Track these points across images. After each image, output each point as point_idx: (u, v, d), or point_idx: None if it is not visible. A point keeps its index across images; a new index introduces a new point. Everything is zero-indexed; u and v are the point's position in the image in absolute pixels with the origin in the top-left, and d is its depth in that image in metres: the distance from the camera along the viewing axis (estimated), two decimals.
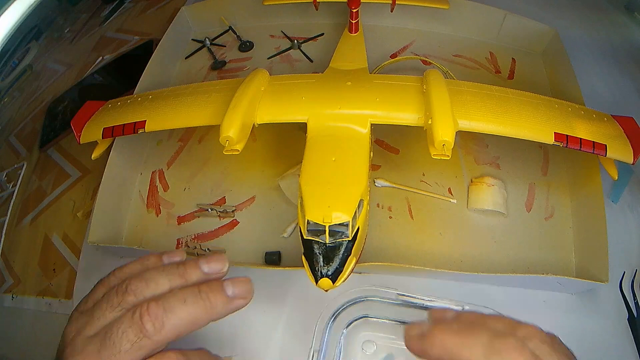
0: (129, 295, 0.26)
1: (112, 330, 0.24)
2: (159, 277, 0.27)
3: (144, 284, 0.26)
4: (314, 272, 0.29)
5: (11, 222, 0.50)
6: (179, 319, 0.25)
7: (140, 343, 0.24)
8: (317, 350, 0.35)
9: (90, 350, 0.24)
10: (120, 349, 0.24)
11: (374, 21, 0.57)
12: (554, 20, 0.53)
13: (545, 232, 0.41)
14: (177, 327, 0.25)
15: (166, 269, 0.27)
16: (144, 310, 0.24)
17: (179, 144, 0.50)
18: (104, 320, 0.25)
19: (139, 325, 0.24)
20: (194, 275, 0.27)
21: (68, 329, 0.27)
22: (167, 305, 0.25)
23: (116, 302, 0.25)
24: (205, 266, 0.28)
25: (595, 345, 0.36)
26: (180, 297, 0.25)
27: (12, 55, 0.55)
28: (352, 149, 0.34)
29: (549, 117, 0.36)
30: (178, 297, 0.25)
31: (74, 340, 0.25)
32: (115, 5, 0.68)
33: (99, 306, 0.26)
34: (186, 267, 0.28)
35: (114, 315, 0.25)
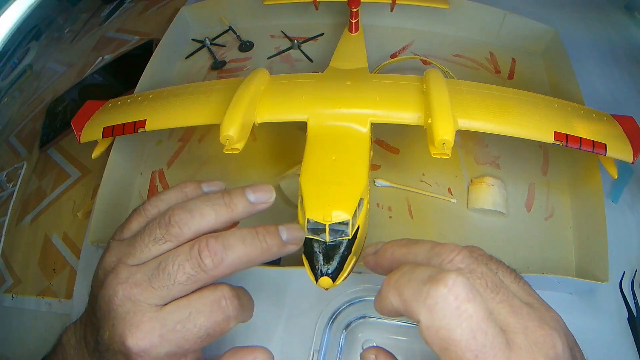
0: (173, 226, 0.25)
1: (166, 262, 0.24)
2: (204, 207, 0.26)
3: (188, 215, 0.26)
4: (314, 271, 0.29)
5: (11, 222, 0.50)
6: (237, 257, 0.25)
7: (197, 277, 0.24)
8: (317, 350, 0.36)
9: (140, 278, 0.24)
10: (175, 281, 0.24)
11: (374, 21, 0.57)
12: (554, 20, 0.53)
13: (545, 232, 0.41)
14: (234, 264, 0.25)
15: (210, 197, 0.27)
16: (202, 245, 0.24)
17: (179, 144, 0.50)
18: (148, 252, 0.25)
19: (197, 259, 0.24)
20: (240, 204, 0.27)
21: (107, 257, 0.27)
22: (226, 242, 0.25)
23: (159, 235, 0.25)
24: (251, 195, 0.28)
25: (595, 345, 0.36)
26: (239, 236, 0.25)
27: (12, 55, 0.55)
28: (352, 148, 0.34)
29: (549, 116, 0.36)
30: (237, 236, 0.25)
31: (117, 268, 0.25)
32: (115, 5, 0.68)
33: (141, 238, 0.26)
34: (231, 196, 0.27)
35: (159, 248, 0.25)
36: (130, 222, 0.28)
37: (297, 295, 0.39)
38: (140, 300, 0.24)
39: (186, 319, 0.24)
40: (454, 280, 0.19)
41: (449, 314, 0.18)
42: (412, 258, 0.23)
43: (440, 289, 0.19)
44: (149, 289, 0.24)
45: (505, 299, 0.20)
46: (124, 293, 0.24)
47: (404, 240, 0.25)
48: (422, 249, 0.23)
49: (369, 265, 0.27)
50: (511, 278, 0.22)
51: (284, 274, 0.40)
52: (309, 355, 0.35)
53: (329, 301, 0.37)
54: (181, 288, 0.24)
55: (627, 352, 0.36)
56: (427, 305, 0.19)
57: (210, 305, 0.25)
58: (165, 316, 0.24)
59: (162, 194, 0.29)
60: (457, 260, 0.21)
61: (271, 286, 0.39)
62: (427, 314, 0.19)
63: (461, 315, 0.18)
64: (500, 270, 0.22)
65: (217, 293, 0.25)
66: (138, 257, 0.25)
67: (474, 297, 0.19)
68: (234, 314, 0.26)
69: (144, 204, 0.28)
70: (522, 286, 0.22)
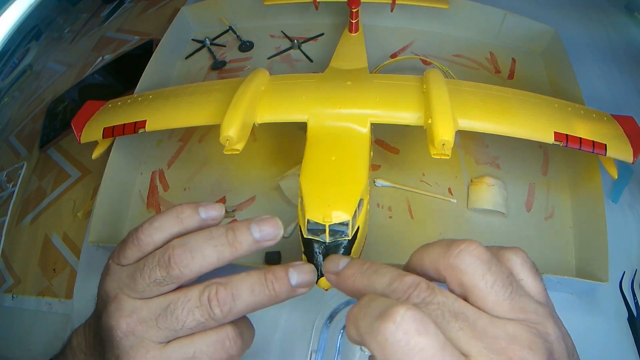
0: (173, 269, 0.25)
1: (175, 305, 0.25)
2: (206, 247, 0.26)
3: (189, 256, 0.25)
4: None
5: (11, 222, 0.50)
6: (245, 306, 0.25)
7: (206, 324, 0.25)
8: (316, 350, 0.36)
9: (145, 316, 0.25)
10: (184, 326, 0.24)
11: (374, 21, 0.57)
12: (554, 20, 0.53)
13: (545, 232, 0.41)
14: (242, 312, 0.25)
15: (213, 235, 0.26)
16: (212, 294, 0.25)
17: (179, 144, 0.50)
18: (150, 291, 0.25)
19: (207, 308, 0.24)
20: (244, 243, 0.26)
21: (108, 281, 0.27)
22: (235, 292, 0.25)
23: (160, 277, 0.25)
24: (257, 232, 0.27)
25: (595, 345, 0.36)
26: (248, 286, 0.25)
27: (12, 55, 0.55)
28: (352, 148, 0.34)
29: (549, 116, 0.36)
30: (246, 285, 0.25)
31: (119, 298, 0.25)
32: (115, 5, 0.68)
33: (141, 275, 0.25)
34: (235, 233, 0.26)
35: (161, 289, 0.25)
36: (125, 250, 0.27)
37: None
38: (145, 337, 0.24)
39: (190, 359, 0.24)
40: (402, 315, 0.18)
41: (399, 349, 0.18)
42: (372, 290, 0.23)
43: (388, 325, 0.18)
44: (154, 327, 0.24)
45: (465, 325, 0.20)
46: (127, 328, 0.24)
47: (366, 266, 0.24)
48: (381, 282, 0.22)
49: (330, 281, 0.26)
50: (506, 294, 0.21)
51: None
52: (307, 355, 0.35)
53: (327, 301, 0.37)
54: (188, 332, 0.25)
55: (627, 352, 0.36)
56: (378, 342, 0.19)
57: (214, 346, 0.25)
58: (169, 354, 0.24)
59: (155, 221, 0.27)
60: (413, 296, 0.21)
61: None
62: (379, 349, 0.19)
63: (412, 349, 0.18)
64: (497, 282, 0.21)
65: (222, 334, 0.25)
66: (140, 293, 0.25)
67: (425, 329, 0.18)
68: (237, 352, 0.26)
69: (138, 231, 0.27)
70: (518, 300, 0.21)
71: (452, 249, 0.21)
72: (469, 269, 0.21)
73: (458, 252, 0.21)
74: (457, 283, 0.21)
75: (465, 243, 0.21)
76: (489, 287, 0.21)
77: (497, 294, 0.20)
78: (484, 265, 0.21)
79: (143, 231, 0.27)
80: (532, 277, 0.23)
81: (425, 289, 0.21)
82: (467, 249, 0.21)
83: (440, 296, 0.21)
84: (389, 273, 0.22)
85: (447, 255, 0.22)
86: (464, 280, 0.21)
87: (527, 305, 0.21)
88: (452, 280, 0.22)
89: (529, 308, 0.21)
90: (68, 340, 0.31)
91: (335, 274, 0.25)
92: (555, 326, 0.21)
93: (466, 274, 0.21)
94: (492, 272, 0.21)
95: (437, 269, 0.22)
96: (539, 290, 0.22)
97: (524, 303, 0.21)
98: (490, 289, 0.21)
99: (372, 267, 0.24)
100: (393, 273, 0.22)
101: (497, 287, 0.21)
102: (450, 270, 0.22)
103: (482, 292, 0.21)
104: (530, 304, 0.21)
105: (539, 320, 0.20)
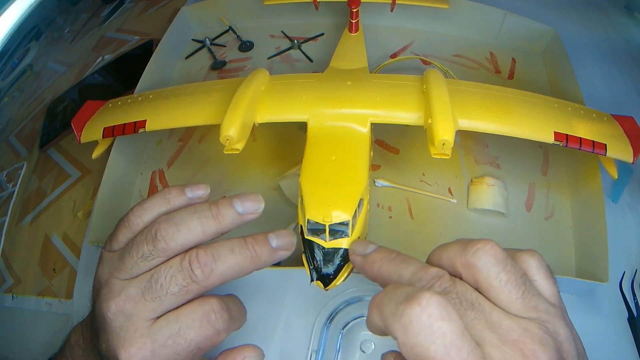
0: (159, 241, 0.26)
1: (159, 274, 0.25)
2: (190, 220, 0.27)
3: (174, 229, 0.26)
4: (314, 272, 0.29)
5: (11, 222, 0.50)
6: (227, 267, 0.26)
7: (189, 288, 0.25)
8: (316, 350, 0.36)
9: (132, 292, 0.25)
10: (167, 292, 0.25)
11: (374, 21, 0.57)
12: (554, 20, 0.53)
13: (545, 232, 0.41)
14: (224, 274, 0.26)
15: (197, 209, 0.27)
16: (193, 257, 0.25)
17: (179, 144, 0.50)
18: (138, 268, 0.26)
19: (188, 271, 0.25)
20: (227, 216, 0.27)
21: (100, 269, 0.28)
22: (215, 253, 0.26)
23: (147, 251, 0.26)
24: (239, 206, 0.28)
25: (595, 345, 0.36)
26: (228, 247, 0.26)
27: (12, 55, 0.55)
28: (352, 148, 0.34)
29: (549, 116, 0.36)
30: (226, 247, 0.26)
31: (110, 282, 0.26)
32: (115, 5, 0.68)
33: (129, 254, 0.26)
34: (219, 207, 0.27)
35: (148, 264, 0.26)
36: (117, 234, 0.28)
37: (296, 295, 0.39)
38: (133, 315, 0.25)
39: (176, 334, 0.25)
40: (428, 299, 0.19)
41: (422, 331, 0.19)
42: (397, 278, 0.24)
43: (414, 308, 0.19)
44: (141, 301, 0.25)
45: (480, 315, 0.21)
46: (116, 307, 0.25)
47: (394, 254, 0.25)
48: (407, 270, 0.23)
49: (354, 263, 0.28)
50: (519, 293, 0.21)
51: (283, 274, 0.40)
52: (307, 355, 0.35)
53: (327, 301, 0.37)
54: (173, 299, 0.25)
55: (627, 352, 0.36)
56: (402, 324, 0.19)
57: (200, 320, 0.25)
58: (156, 332, 0.25)
59: (144, 203, 0.29)
60: (436, 286, 0.22)
61: (271, 286, 0.39)
62: (403, 332, 0.19)
63: (434, 333, 0.19)
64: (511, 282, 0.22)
65: (206, 307, 0.26)
66: (129, 272, 0.26)
67: (448, 315, 0.19)
68: (224, 327, 0.26)
69: (128, 214, 0.28)
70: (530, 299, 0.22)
71: (468, 248, 0.22)
72: (484, 267, 0.22)
73: (475, 251, 0.22)
74: (473, 280, 0.22)
75: (481, 242, 0.22)
76: (502, 286, 0.21)
77: (510, 293, 0.21)
78: (499, 265, 0.22)
79: (133, 213, 0.28)
80: (546, 280, 0.24)
81: (448, 280, 0.22)
82: (483, 247, 0.22)
83: (460, 287, 0.22)
84: (415, 264, 0.24)
85: (464, 253, 0.22)
86: (479, 278, 0.22)
87: (539, 304, 0.21)
88: (468, 278, 0.23)
89: (541, 307, 0.21)
90: (67, 338, 0.32)
91: (363, 257, 0.26)
92: (566, 327, 0.22)
93: (481, 271, 0.22)
94: (506, 272, 0.22)
95: (454, 267, 0.23)
96: (552, 293, 0.23)
97: (536, 302, 0.21)
98: (504, 287, 0.21)
99: (400, 256, 0.25)
100: (419, 264, 0.24)
101: (511, 286, 0.21)
102: (466, 268, 0.22)
103: (496, 289, 0.21)
104: (542, 304, 0.22)
105: (550, 319, 0.21)
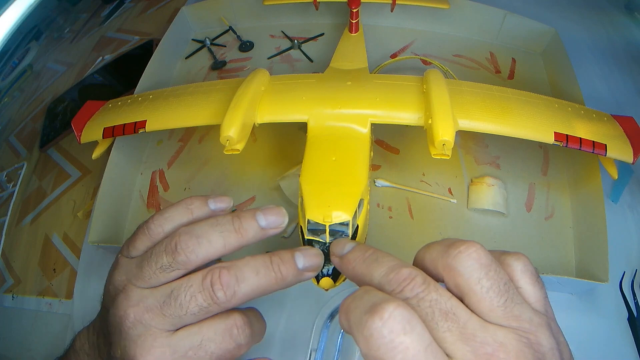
0: (180, 254, 0.25)
1: (179, 291, 0.24)
2: (212, 233, 0.26)
3: (195, 242, 0.25)
4: None
5: (11, 222, 0.50)
6: (250, 289, 0.25)
7: (209, 309, 0.24)
8: (315, 350, 0.36)
9: (151, 304, 0.24)
10: (187, 311, 0.24)
11: (374, 21, 0.57)
12: (554, 20, 0.53)
13: (545, 232, 0.41)
14: (247, 296, 0.25)
15: (219, 222, 0.26)
16: (215, 278, 0.24)
17: (179, 144, 0.50)
18: (157, 279, 0.25)
19: (209, 292, 0.24)
20: (250, 230, 0.27)
21: (117, 274, 0.27)
22: (239, 274, 0.25)
23: (167, 263, 0.25)
24: (262, 220, 0.27)
25: (595, 345, 0.36)
26: (253, 268, 0.25)
27: (12, 55, 0.55)
28: (352, 148, 0.34)
29: (549, 116, 0.36)
30: (251, 267, 0.25)
31: (127, 289, 0.25)
32: (115, 5, 0.68)
33: (148, 263, 0.25)
34: (242, 220, 0.27)
35: (167, 276, 0.25)
36: (135, 241, 0.28)
37: (296, 295, 0.39)
38: (152, 325, 0.24)
39: (197, 347, 0.24)
40: (391, 312, 0.19)
41: (382, 345, 0.18)
42: (369, 280, 0.23)
43: (375, 321, 0.19)
44: (160, 315, 0.24)
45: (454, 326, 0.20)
46: (135, 317, 0.24)
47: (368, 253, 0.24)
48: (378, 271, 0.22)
49: (334, 264, 0.27)
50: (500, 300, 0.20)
51: None
52: (307, 354, 0.35)
53: (327, 301, 0.37)
54: (193, 318, 0.24)
55: (627, 352, 0.36)
56: (364, 336, 0.19)
57: (222, 334, 0.25)
58: (177, 342, 0.24)
59: (166, 212, 0.28)
60: (407, 290, 0.21)
61: None
62: (365, 343, 0.19)
63: (395, 347, 0.18)
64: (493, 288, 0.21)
65: (229, 322, 0.25)
66: (147, 281, 0.25)
67: (411, 329, 0.18)
68: (245, 341, 0.26)
69: (148, 222, 0.28)
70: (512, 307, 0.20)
71: (451, 250, 0.21)
72: (465, 272, 0.21)
73: (457, 254, 0.21)
74: (454, 284, 0.21)
75: (465, 245, 0.21)
76: (484, 292, 0.20)
77: (491, 300, 0.20)
78: (481, 270, 0.21)
79: (154, 221, 0.27)
80: (532, 285, 0.22)
81: (420, 284, 0.21)
82: (466, 251, 0.21)
83: (434, 293, 0.20)
84: (388, 263, 0.22)
85: (445, 255, 0.21)
86: (459, 282, 0.21)
87: (522, 313, 0.20)
88: (449, 281, 0.21)
89: (524, 316, 0.20)
90: (71, 343, 0.31)
91: (339, 257, 0.26)
92: (550, 336, 0.20)
93: (462, 276, 0.21)
94: (488, 277, 0.20)
95: (436, 268, 0.22)
96: (537, 298, 0.22)
97: (518, 311, 0.20)
98: (485, 294, 0.20)
99: (373, 255, 0.24)
100: (392, 263, 0.22)
101: (493, 293, 0.20)
102: (447, 271, 0.21)
103: (477, 296, 0.20)
104: (526, 312, 0.20)
105: (532, 329, 0.20)
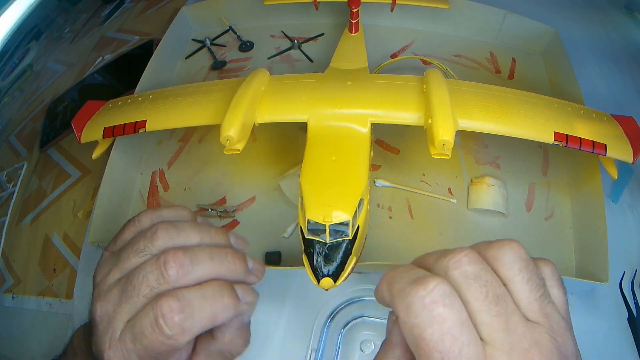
0: (157, 240, 0.25)
1: (134, 274, 0.24)
2: (191, 230, 0.26)
3: (174, 231, 0.26)
4: (315, 272, 0.29)
5: (11, 222, 0.50)
6: (204, 273, 0.25)
7: (159, 289, 0.23)
8: (315, 350, 0.36)
9: (114, 294, 0.24)
10: (139, 293, 0.23)
11: (374, 21, 0.57)
12: (554, 20, 0.53)
13: (545, 232, 0.41)
14: (199, 279, 0.24)
15: (200, 226, 0.27)
16: (169, 256, 0.24)
17: (179, 144, 0.50)
18: (129, 264, 0.25)
19: (161, 270, 0.24)
20: (222, 240, 0.28)
21: (97, 270, 0.27)
22: (194, 256, 0.24)
23: (142, 245, 0.25)
24: (232, 239, 0.29)
25: (595, 345, 0.36)
26: (208, 253, 0.25)
27: (12, 55, 0.55)
28: (352, 148, 0.34)
29: (549, 116, 0.36)
30: (206, 252, 0.25)
31: (100, 284, 0.26)
32: (115, 5, 0.68)
33: (125, 249, 0.26)
34: (218, 232, 0.28)
35: (138, 260, 0.25)
36: (123, 233, 0.28)
37: (297, 294, 0.39)
38: (114, 317, 0.24)
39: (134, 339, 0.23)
40: (435, 285, 0.19)
41: (422, 314, 0.19)
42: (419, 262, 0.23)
43: (419, 291, 0.19)
44: (120, 305, 0.24)
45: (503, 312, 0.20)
46: (101, 310, 0.24)
47: None
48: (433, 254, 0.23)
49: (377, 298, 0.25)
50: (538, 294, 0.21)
51: (284, 274, 0.40)
52: (307, 354, 0.35)
53: (327, 300, 0.37)
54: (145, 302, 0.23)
55: (627, 352, 0.36)
56: (406, 303, 0.20)
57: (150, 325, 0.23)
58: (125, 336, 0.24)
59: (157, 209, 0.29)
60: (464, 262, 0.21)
61: (271, 286, 0.39)
62: (405, 311, 0.20)
63: (434, 317, 0.19)
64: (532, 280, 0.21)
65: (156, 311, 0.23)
66: (121, 268, 0.25)
67: (450, 303, 0.19)
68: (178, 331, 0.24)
69: (139, 214, 0.28)
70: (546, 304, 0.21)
71: (494, 244, 0.22)
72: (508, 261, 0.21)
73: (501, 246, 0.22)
74: None
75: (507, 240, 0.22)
76: (524, 283, 0.21)
77: (530, 292, 0.21)
78: (522, 262, 0.21)
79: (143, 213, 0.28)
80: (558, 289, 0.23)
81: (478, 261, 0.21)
82: (509, 244, 0.22)
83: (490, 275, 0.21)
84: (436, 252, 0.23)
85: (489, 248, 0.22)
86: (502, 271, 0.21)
87: (552, 313, 0.21)
88: None
89: (554, 317, 0.21)
90: (70, 340, 0.31)
91: None
92: (575, 342, 0.21)
93: (505, 265, 0.21)
94: (528, 270, 0.21)
95: None
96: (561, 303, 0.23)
97: (550, 310, 0.21)
98: (525, 285, 0.21)
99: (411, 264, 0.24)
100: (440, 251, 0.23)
101: (532, 285, 0.21)
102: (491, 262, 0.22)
103: (517, 285, 0.21)
104: (555, 313, 0.21)
105: (560, 332, 0.20)
